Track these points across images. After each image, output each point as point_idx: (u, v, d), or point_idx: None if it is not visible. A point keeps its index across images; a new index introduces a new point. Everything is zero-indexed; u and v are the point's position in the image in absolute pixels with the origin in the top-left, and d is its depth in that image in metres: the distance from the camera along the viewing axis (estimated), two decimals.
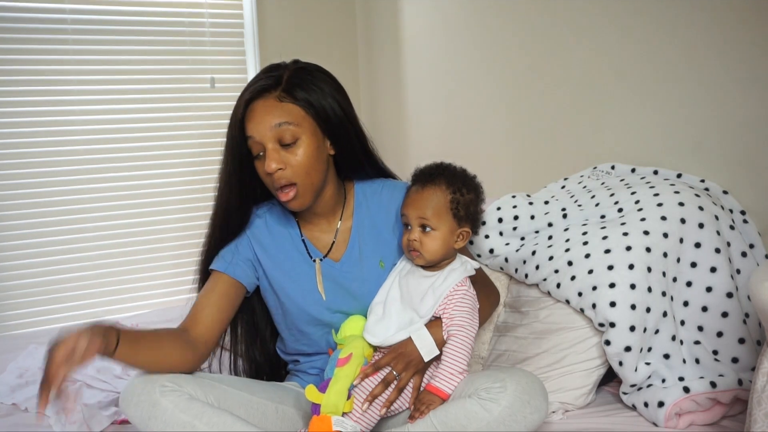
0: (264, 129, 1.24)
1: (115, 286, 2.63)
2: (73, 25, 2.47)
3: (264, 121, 1.24)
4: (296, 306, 1.34)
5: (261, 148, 1.25)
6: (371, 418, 1.21)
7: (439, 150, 2.47)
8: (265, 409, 1.26)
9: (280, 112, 1.24)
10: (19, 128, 2.43)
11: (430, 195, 1.27)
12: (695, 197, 1.43)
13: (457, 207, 1.27)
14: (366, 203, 1.40)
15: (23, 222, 2.46)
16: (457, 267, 1.29)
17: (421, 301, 1.26)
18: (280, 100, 1.25)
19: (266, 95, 1.25)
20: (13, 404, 1.57)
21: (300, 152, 1.25)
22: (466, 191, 1.28)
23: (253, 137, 1.25)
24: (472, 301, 1.27)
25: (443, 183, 1.27)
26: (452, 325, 1.23)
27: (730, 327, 1.37)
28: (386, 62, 2.80)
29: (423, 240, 1.26)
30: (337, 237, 1.38)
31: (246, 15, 2.74)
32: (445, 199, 1.26)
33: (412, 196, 1.29)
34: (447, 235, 1.27)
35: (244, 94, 1.27)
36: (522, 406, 1.10)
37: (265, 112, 1.24)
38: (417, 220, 1.26)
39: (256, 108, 1.25)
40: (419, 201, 1.27)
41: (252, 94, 1.26)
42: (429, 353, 1.22)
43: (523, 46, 2.05)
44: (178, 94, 2.68)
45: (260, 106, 1.25)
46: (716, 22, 1.50)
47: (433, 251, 1.26)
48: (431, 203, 1.26)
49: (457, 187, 1.27)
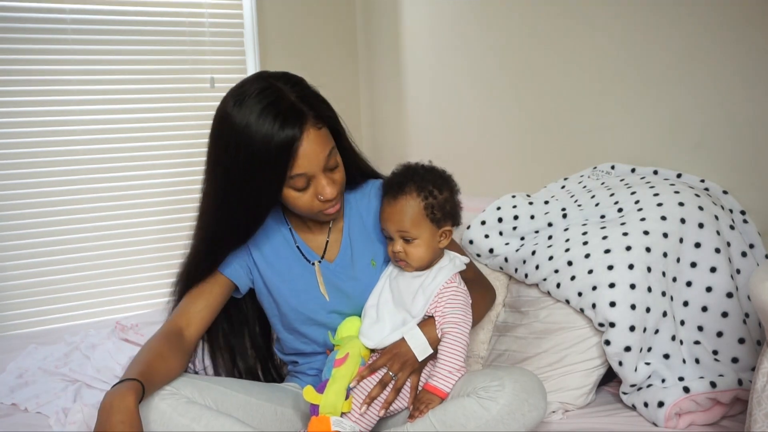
0: (320, 162, 1.19)
1: (115, 285, 2.63)
2: (73, 25, 2.47)
3: (317, 153, 1.18)
4: (292, 308, 1.34)
5: (307, 182, 1.20)
6: (370, 420, 1.21)
7: (439, 150, 2.48)
8: (264, 410, 1.26)
9: (325, 140, 1.20)
10: (18, 128, 2.43)
11: (403, 206, 1.25)
12: (695, 197, 1.43)
13: (433, 211, 1.25)
14: (356, 204, 1.40)
15: (23, 222, 2.46)
16: (445, 264, 1.29)
17: (412, 301, 1.26)
18: (318, 128, 1.19)
19: (308, 128, 1.17)
20: (13, 404, 1.57)
21: (340, 167, 1.25)
22: (438, 191, 1.26)
23: (306, 174, 1.19)
24: (463, 297, 1.27)
25: (413, 190, 1.26)
26: (445, 323, 1.23)
27: (730, 327, 1.37)
28: (386, 62, 2.80)
29: (407, 250, 1.26)
30: (330, 238, 1.38)
31: (246, 15, 2.74)
32: (418, 207, 1.25)
33: (386, 209, 1.28)
34: (429, 240, 1.27)
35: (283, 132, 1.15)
36: (520, 404, 1.10)
37: (316, 142, 1.18)
38: (397, 233, 1.27)
39: (307, 146, 1.16)
40: (394, 214, 1.26)
41: (297, 132, 1.15)
42: (423, 352, 1.22)
43: (523, 46, 2.05)
44: (178, 94, 2.68)
45: (310, 142, 1.17)
46: (716, 22, 1.50)
47: (418, 258, 1.27)
48: (406, 215, 1.25)
49: (428, 191, 1.26)
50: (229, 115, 1.19)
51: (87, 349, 1.87)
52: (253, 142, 1.15)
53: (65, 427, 1.40)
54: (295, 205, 1.24)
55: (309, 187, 1.22)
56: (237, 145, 1.17)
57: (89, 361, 1.77)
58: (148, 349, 1.20)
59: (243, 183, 1.19)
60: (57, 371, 1.72)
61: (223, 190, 1.23)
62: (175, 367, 1.19)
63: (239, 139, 1.17)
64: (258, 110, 1.16)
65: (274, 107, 1.16)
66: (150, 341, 1.23)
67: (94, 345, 1.89)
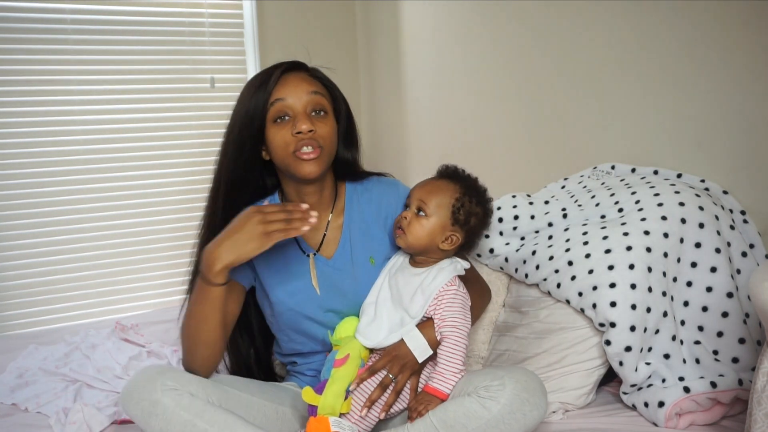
0: (300, 93, 1.28)
1: (115, 285, 2.63)
2: (73, 25, 2.47)
3: (300, 86, 1.28)
4: (288, 308, 1.34)
5: (287, 112, 1.27)
6: (370, 422, 1.21)
7: (439, 150, 2.48)
8: (266, 410, 1.26)
9: (314, 83, 1.31)
10: (18, 128, 2.42)
11: (441, 186, 1.30)
12: (695, 197, 1.43)
13: (459, 209, 1.28)
14: (357, 199, 1.40)
15: (23, 222, 2.46)
16: (446, 266, 1.29)
17: (411, 301, 1.26)
18: (311, 76, 1.33)
19: (298, 71, 1.32)
20: (13, 404, 1.57)
21: (327, 122, 1.30)
22: (476, 203, 1.31)
23: (284, 99, 1.27)
24: (462, 300, 1.27)
25: (459, 184, 1.31)
26: (445, 326, 1.23)
27: (730, 327, 1.37)
28: (386, 63, 2.80)
29: (412, 221, 1.28)
30: (328, 233, 1.38)
31: (246, 15, 2.73)
32: (452, 196, 1.29)
33: (426, 181, 1.33)
34: (436, 227, 1.27)
35: (274, 68, 1.30)
36: (521, 403, 1.10)
37: (302, 80, 1.30)
38: (417, 201, 1.29)
39: (290, 77, 1.29)
40: (428, 186, 1.31)
41: (286, 67, 1.30)
42: (422, 354, 1.22)
43: (523, 46, 2.05)
44: (178, 94, 2.68)
45: (294, 76, 1.30)
46: (717, 23, 1.50)
47: (416, 235, 1.27)
48: (438, 192, 1.29)
49: (470, 195, 1.30)
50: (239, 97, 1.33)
51: (87, 349, 1.87)
52: (248, 89, 1.30)
53: (65, 427, 1.40)
54: (273, 142, 1.28)
55: (286, 122, 1.27)
56: (238, 101, 1.31)
57: (89, 361, 1.77)
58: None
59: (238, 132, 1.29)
60: (57, 371, 1.72)
61: (225, 155, 1.32)
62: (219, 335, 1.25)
63: (241, 96, 1.31)
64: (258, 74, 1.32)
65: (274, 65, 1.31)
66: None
67: (94, 345, 1.89)
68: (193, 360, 1.25)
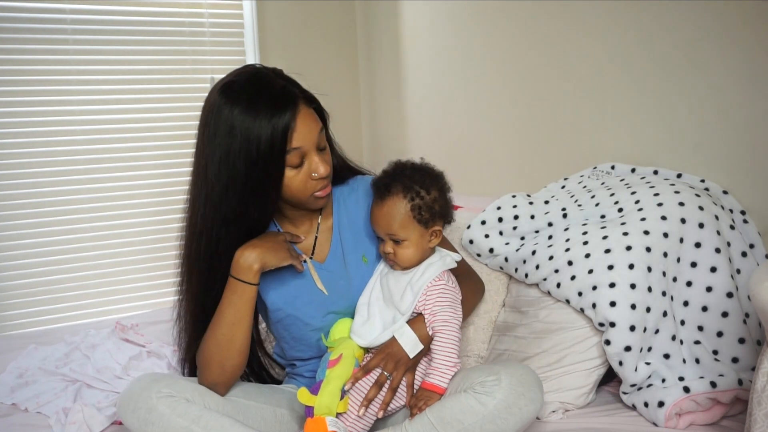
0: (312, 136, 1.21)
1: (115, 286, 2.63)
2: (73, 25, 2.47)
3: (311, 127, 1.21)
4: (283, 312, 1.33)
5: (301, 158, 1.22)
6: (368, 421, 1.21)
7: (439, 150, 2.48)
8: (264, 413, 1.26)
9: (316, 118, 1.24)
10: (18, 128, 2.43)
11: (390, 208, 1.24)
12: (695, 197, 1.43)
13: (420, 212, 1.24)
14: (344, 201, 1.40)
15: (23, 222, 2.46)
16: (434, 261, 1.29)
17: (401, 298, 1.26)
18: (309, 106, 1.23)
19: (303, 106, 1.21)
20: (13, 404, 1.57)
21: (329, 153, 1.28)
22: (426, 192, 1.25)
23: (301, 148, 1.20)
24: (452, 294, 1.27)
25: (400, 192, 1.24)
26: (436, 321, 1.23)
27: (730, 327, 1.37)
28: (386, 63, 2.80)
29: (397, 251, 1.26)
30: (319, 236, 1.37)
31: (246, 15, 2.74)
32: (405, 209, 1.24)
33: (374, 211, 1.28)
34: (418, 241, 1.26)
35: (278, 110, 1.18)
36: (517, 398, 1.10)
37: (311, 119, 1.22)
38: (385, 235, 1.27)
39: (299, 118, 1.20)
40: (382, 217, 1.26)
41: (289, 107, 1.19)
42: (413, 349, 1.22)
43: (523, 46, 2.05)
44: (178, 94, 2.68)
45: (302, 117, 1.20)
46: (717, 23, 1.50)
47: (408, 259, 1.27)
48: (394, 217, 1.24)
49: (415, 192, 1.24)
50: (221, 107, 1.18)
51: (87, 349, 1.87)
52: (253, 126, 1.16)
53: (65, 427, 1.40)
54: (290, 186, 1.23)
55: (303, 166, 1.22)
56: (232, 134, 1.17)
57: (89, 361, 1.77)
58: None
59: (246, 171, 1.18)
60: (57, 371, 1.71)
61: (225, 187, 1.20)
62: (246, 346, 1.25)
63: (236, 129, 1.17)
64: (252, 94, 1.18)
65: (267, 91, 1.19)
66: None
67: (94, 345, 1.89)
68: (223, 372, 1.22)
